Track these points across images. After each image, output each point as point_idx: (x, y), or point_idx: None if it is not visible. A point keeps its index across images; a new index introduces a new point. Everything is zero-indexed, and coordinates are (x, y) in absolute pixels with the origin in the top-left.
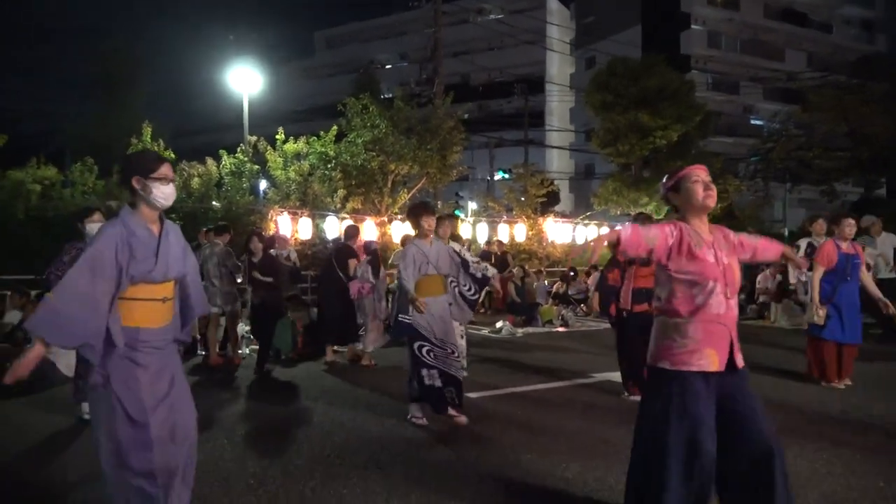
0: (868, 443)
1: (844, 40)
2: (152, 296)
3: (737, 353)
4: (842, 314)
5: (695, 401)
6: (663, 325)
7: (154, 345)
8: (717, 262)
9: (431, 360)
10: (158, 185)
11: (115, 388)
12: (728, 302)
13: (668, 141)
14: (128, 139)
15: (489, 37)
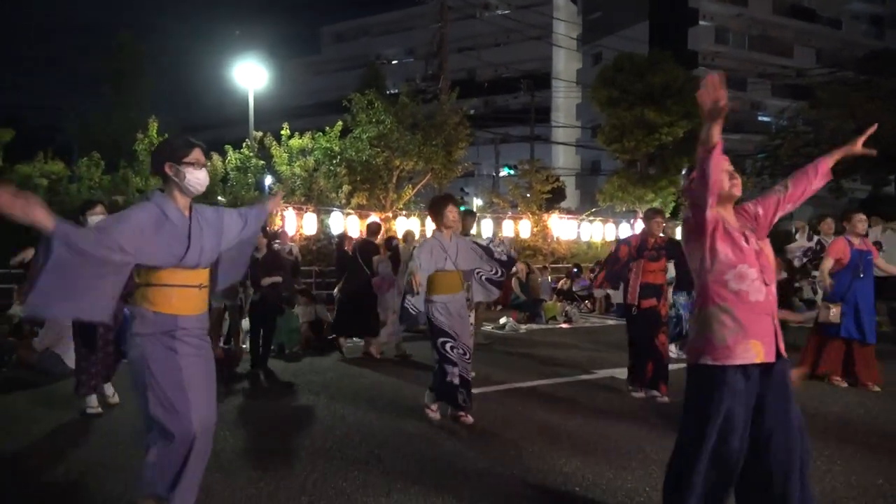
0: (869, 441)
1: (853, 36)
2: (188, 282)
3: (779, 341)
4: (858, 312)
5: (734, 398)
6: (703, 318)
7: (193, 334)
8: (756, 251)
9: (455, 358)
10: (191, 170)
11: (157, 377)
12: (769, 292)
13: (674, 137)
14: (134, 134)
15: (495, 32)
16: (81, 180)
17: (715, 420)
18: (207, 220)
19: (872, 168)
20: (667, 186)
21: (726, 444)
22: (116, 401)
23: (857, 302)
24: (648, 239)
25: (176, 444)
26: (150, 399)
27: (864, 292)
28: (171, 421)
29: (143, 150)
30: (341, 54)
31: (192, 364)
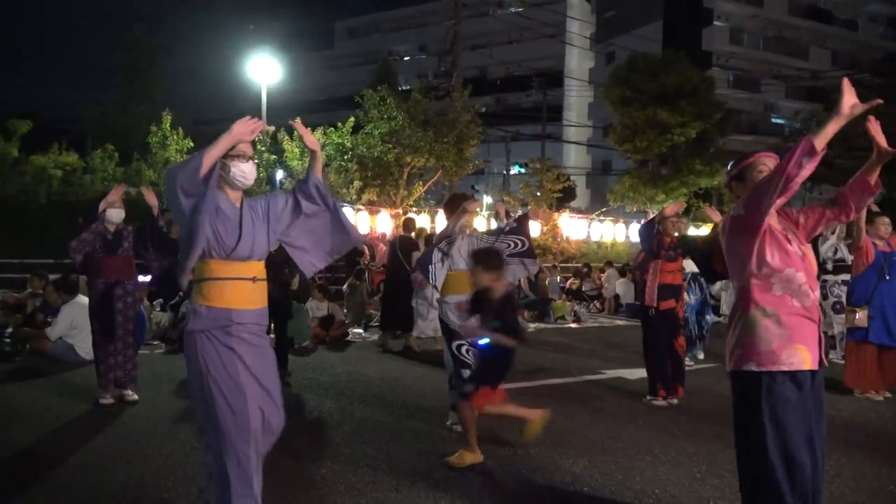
0: (879, 445)
1: (870, 38)
2: (241, 274)
3: (822, 349)
4: (886, 315)
5: (784, 407)
6: (745, 322)
7: (250, 329)
8: (795, 249)
9: (470, 360)
10: (237, 163)
11: (215, 374)
12: (814, 293)
13: (686, 138)
14: (147, 127)
15: (508, 30)
16: (95, 172)
17: (768, 431)
18: (257, 213)
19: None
20: (678, 187)
21: (794, 461)
22: (135, 398)
23: (884, 305)
24: (664, 239)
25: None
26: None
27: (891, 295)
28: (231, 417)
29: (157, 143)
30: (354, 50)
31: (251, 360)
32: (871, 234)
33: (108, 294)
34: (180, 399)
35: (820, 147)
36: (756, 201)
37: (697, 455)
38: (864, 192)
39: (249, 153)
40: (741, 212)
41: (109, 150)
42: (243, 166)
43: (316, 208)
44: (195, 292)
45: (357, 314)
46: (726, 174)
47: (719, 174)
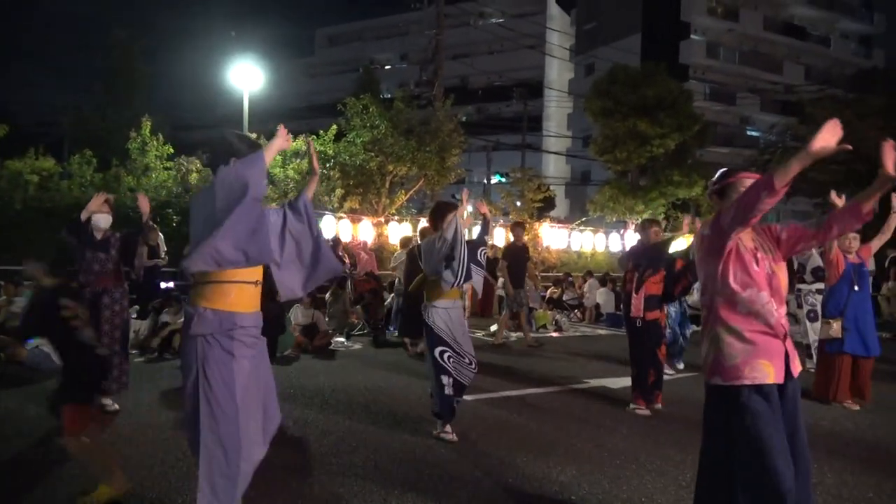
0: (860, 454)
1: (842, 54)
2: (246, 278)
3: (791, 362)
4: (859, 326)
5: (755, 420)
6: (712, 338)
7: (250, 333)
8: (762, 269)
9: (450, 367)
10: None
11: (211, 381)
12: (778, 311)
13: (665, 149)
14: (127, 133)
15: (489, 40)
16: (73, 178)
17: (741, 448)
18: (274, 220)
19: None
20: (657, 198)
21: (767, 471)
22: (116, 408)
23: (857, 316)
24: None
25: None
26: (203, 407)
27: (862, 306)
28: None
29: (136, 149)
30: (335, 58)
31: (251, 365)
32: (841, 247)
33: (96, 304)
34: (162, 409)
35: (780, 185)
36: (719, 227)
37: (683, 463)
38: (854, 218)
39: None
40: (708, 231)
41: (87, 156)
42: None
43: (301, 228)
44: (196, 294)
45: (340, 323)
46: (710, 186)
47: (697, 185)
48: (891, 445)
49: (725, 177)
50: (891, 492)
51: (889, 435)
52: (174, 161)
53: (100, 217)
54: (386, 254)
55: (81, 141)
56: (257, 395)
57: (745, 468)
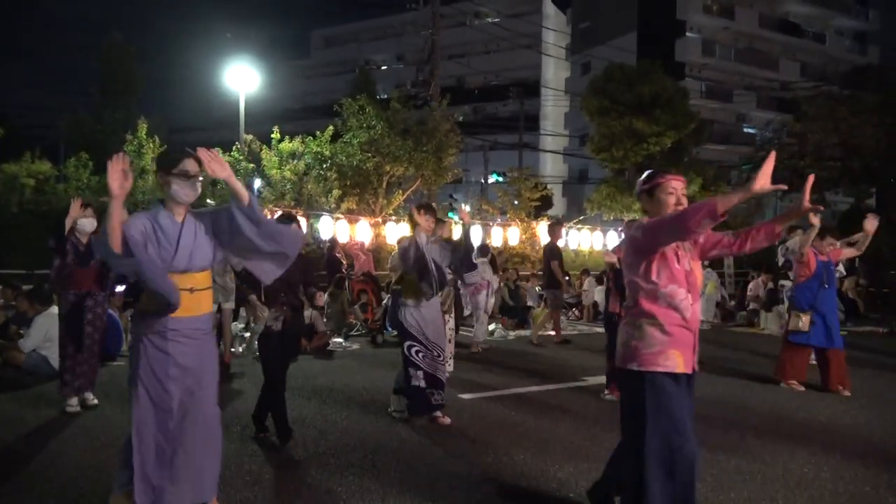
0: (856, 449)
1: (838, 51)
2: (178, 285)
3: (695, 356)
4: (825, 320)
5: (667, 398)
6: (633, 327)
7: (185, 334)
8: (682, 267)
9: (419, 361)
10: (177, 181)
11: (142, 376)
12: (693, 307)
13: (661, 148)
14: (123, 135)
15: (485, 40)
16: (69, 181)
17: (650, 423)
18: (202, 226)
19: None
20: None
21: (681, 450)
22: (95, 402)
23: (824, 311)
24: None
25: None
26: (133, 395)
27: (829, 302)
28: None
29: (132, 152)
30: (331, 59)
31: (185, 361)
32: (817, 247)
33: (80, 305)
34: None
35: (721, 212)
36: (654, 237)
37: None
38: (768, 238)
39: (192, 171)
40: (639, 234)
41: (84, 159)
42: (184, 184)
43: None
44: (143, 298)
45: (338, 323)
46: (638, 185)
47: (694, 183)
48: (887, 440)
49: (653, 178)
50: (887, 486)
51: (885, 430)
52: None
53: (85, 222)
54: (384, 254)
55: (77, 144)
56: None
57: (656, 440)
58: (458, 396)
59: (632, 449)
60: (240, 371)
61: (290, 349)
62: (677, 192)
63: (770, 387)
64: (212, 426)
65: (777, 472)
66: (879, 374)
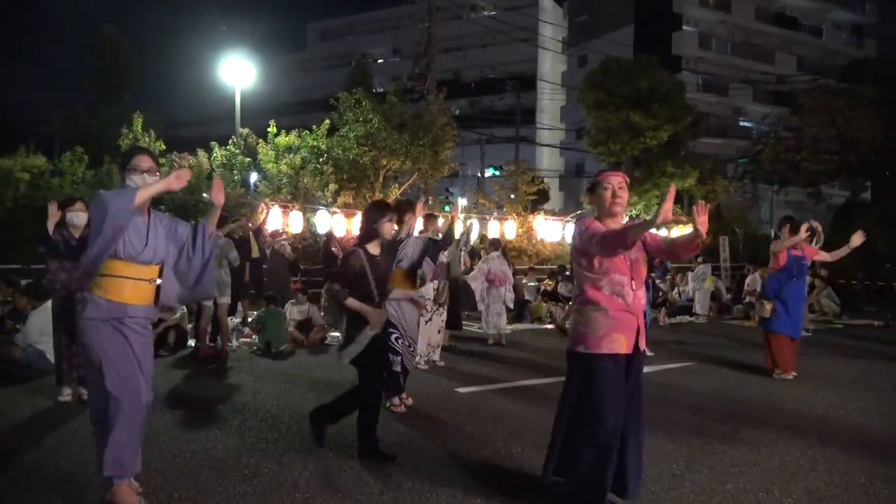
0: (851, 440)
1: (834, 45)
2: (141, 276)
3: (640, 338)
4: (789, 309)
5: (607, 378)
6: (580, 313)
7: (138, 322)
8: (627, 260)
9: (398, 347)
10: (132, 176)
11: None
12: (635, 295)
13: (658, 141)
14: (118, 129)
15: (482, 33)
16: (64, 175)
17: (589, 399)
18: (163, 224)
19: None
20: (651, 189)
21: (601, 422)
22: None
23: (790, 301)
24: None
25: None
26: (106, 374)
27: (797, 294)
28: (126, 392)
29: (128, 146)
30: (327, 52)
31: (139, 347)
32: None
33: (72, 298)
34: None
35: (631, 241)
36: (587, 245)
37: (676, 452)
38: (688, 250)
39: (145, 167)
40: (578, 237)
41: (79, 153)
42: (135, 178)
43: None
44: (95, 285)
45: (335, 317)
46: (587, 184)
47: (691, 176)
48: (881, 431)
49: (595, 176)
50: (882, 476)
51: (880, 421)
52: (166, 157)
53: (73, 215)
54: None
55: (73, 138)
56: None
57: (584, 412)
58: (455, 390)
59: (569, 424)
60: (236, 365)
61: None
62: (613, 186)
63: (766, 379)
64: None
65: (773, 463)
66: (875, 367)
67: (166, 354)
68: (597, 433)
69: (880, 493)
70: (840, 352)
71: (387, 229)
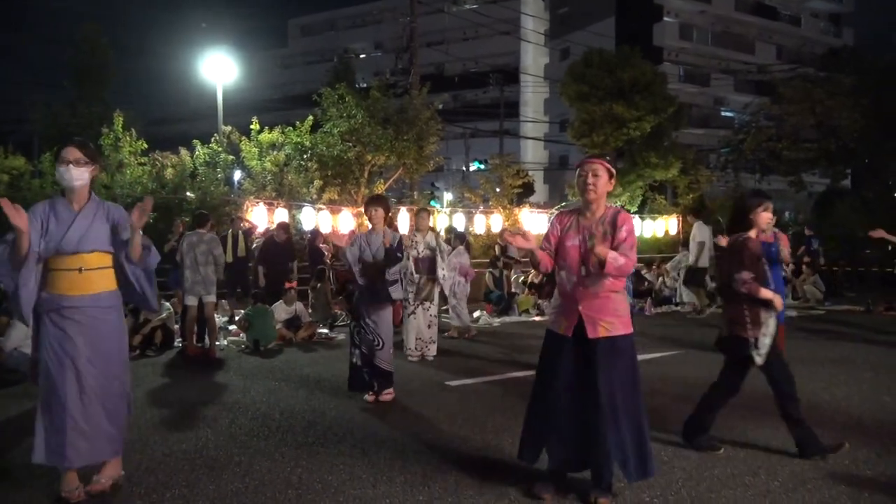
0: (836, 425)
1: (813, 33)
2: (68, 266)
3: (587, 325)
4: None
5: (548, 354)
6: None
7: (84, 312)
8: (580, 245)
9: (357, 340)
10: (59, 168)
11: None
12: (581, 281)
13: (641, 132)
14: (99, 128)
15: (464, 27)
16: (45, 176)
17: (544, 368)
18: (104, 214)
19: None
20: (635, 180)
21: (535, 392)
22: None
23: None
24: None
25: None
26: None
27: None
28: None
29: (109, 145)
30: (308, 48)
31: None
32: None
33: None
34: (147, 406)
35: (545, 269)
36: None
37: (665, 439)
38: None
39: (69, 158)
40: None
41: None
42: (61, 169)
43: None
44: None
45: (323, 314)
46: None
47: (674, 167)
48: (864, 416)
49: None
50: (865, 459)
51: (863, 406)
52: (149, 156)
53: None
54: None
55: (52, 138)
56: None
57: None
58: (445, 383)
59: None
60: (225, 364)
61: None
62: (586, 173)
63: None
64: (112, 399)
65: (760, 447)
66: (857, 352)
67: (153, 354)
68: (532, 400)
69: (864, 475)
70: (823, 337)
71: (764, 219)
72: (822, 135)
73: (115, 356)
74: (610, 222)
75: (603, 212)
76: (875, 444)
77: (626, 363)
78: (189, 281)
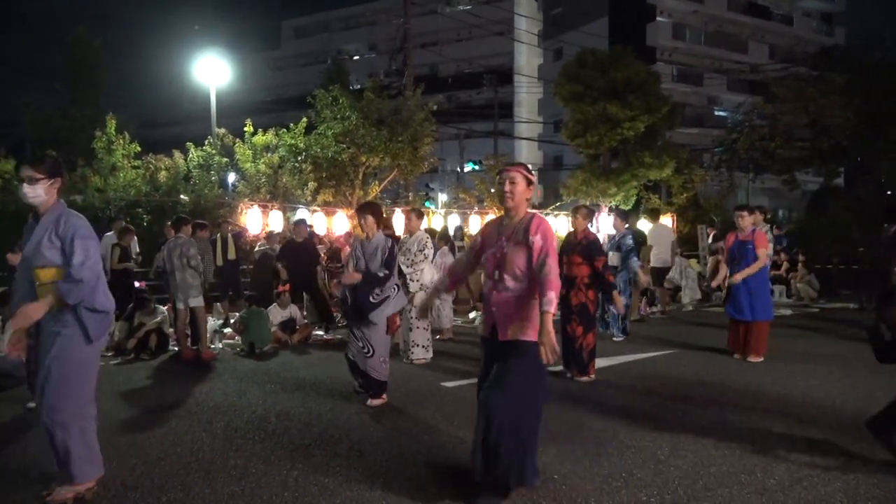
0: (829, 422)
1: (805, 32)
2: (36, 279)
3: (499, 328)
4: (735, 293)
5: (482, 357)
6: None
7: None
8: (497, 253)
9: (350, 342)
10: (21, 186)
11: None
12: (495, 285)
13: (635, 132)
14: (92, 131)
15: (457, 28)
16: None
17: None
18: (56, 228)
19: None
20: (629, 180)
21: (480, 395)
22: None
23: (736, 286)
24: (576, 234)
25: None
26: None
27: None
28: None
29: (102, 148)
30: (301, 50)
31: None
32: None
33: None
34: (142, 410)
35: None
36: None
37: (661, 438)
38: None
39: (23, 176)
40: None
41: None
42: (22, 188)
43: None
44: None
45: (319, 315)
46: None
47: (668, 166)
48: (857, 413)
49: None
50: (859, 455)
51: (856, 403)
52: (142, 159)
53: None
54: None
55: (44, 141)
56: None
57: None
58: (441, 384)
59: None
60: (220, 367)
61: None
62: (504, 181)
63: (746, 364)
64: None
65: (755, 445)
66: (851, 350)
67: (148, 358)
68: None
69: (858, 472)
70: (818, 335)
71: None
72: (815, 133)
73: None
74: (524, 228)
75: (521, 217)
76: (869, 441)
77: (529, 367)
78: (173, 285)
